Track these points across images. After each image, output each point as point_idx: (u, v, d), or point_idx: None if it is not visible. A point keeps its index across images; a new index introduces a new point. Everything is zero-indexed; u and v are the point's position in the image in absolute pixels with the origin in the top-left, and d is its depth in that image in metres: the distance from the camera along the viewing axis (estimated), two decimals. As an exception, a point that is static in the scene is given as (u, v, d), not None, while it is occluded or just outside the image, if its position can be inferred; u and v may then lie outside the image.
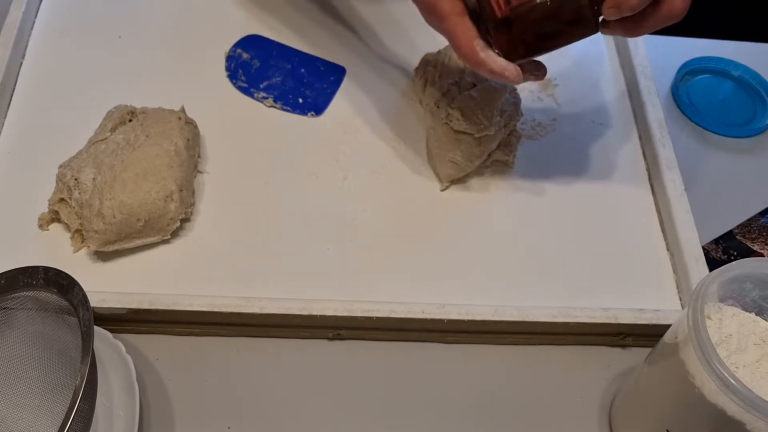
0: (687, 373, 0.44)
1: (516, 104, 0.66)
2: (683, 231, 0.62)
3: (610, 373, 0.58)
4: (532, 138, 0.69)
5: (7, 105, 0.67)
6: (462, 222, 0.63)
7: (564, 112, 0.72)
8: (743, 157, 0.73)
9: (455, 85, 0.65)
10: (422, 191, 0.65)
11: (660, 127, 0.68)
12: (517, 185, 0.66)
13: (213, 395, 0.54)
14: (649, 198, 0.66)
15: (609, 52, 0.77)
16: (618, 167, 0.68)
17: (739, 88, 0.78)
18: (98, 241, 0.57)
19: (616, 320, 0.56)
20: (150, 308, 0.54)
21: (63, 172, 0.60)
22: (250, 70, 0.72)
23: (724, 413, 0.42)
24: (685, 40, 0.82)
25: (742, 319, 0.46)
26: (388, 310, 0.55)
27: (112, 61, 0.71)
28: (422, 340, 0.58)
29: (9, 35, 0.69)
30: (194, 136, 0.64)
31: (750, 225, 0.67)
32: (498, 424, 0.55)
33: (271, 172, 0.65)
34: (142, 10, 0.76)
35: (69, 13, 0.75)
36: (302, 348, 0.57)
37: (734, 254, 0.65)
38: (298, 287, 0.58)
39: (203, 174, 0.64)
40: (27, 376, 0.51)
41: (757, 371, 0.44)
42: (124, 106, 0.64)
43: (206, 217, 0.62)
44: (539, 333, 0.57)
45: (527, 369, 0.57)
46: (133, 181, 0.57)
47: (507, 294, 0.59)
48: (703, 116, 0.75)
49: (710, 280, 0.45)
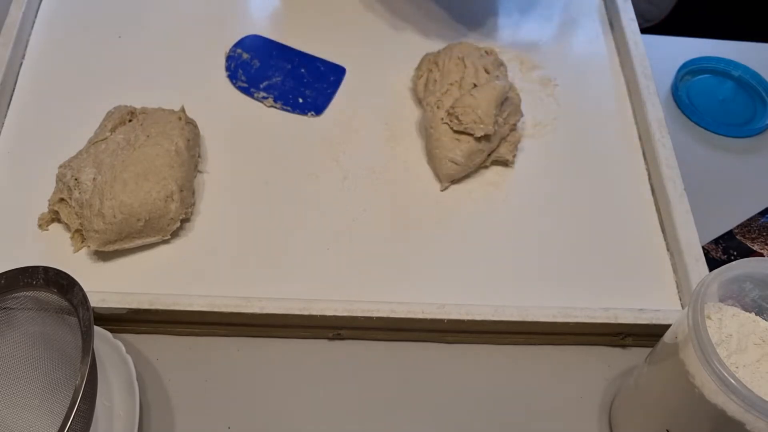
0: (687, 373, 0.44)
1: (516, 104, 0.67)
2: (683, 231, 0.62)
3: (610, 373, 0.58)
4: (532, 137, 0.69)
5: (7, 105, 0.67)
6: (462, 222, 0.63)
7: (564, 112, 0.72)
8: (743, 157, 0.73)
9: (455, 85, 0.65)
10: (422, 191, 0.65)
11: (660, 127, 0.68)
12: (517, 185, 0.66)
13: (213, 395, 0.55)
14: (649, 198, 0.66)
15: (609, 52, 0.77)
16: (618, 167, 0.68)
17: (739, 88, 0.78)
18: (98, 241, 0.57)
19: (616, 320, 0.56)
20: (150, 308, 0.54)
21: (63, 172, 0.60)
22: (250, 70, 0.72)
23: (724, 413, 0.42)
24: (685, 40, 0.82)
25: (742, 319, 0.46)
26: (388, 310, 0.55)
27: (112, 61, 0.71)
28: (422, 340, 0.58)
29: (9, 35, 0.69)
30: (194, 136, 0.64)
31: (750, 225, 0.67)
32: (498, 423, 0.55)
33: (271, 172, 0.65)
34: (142, 10, 0.76)
35: (69, 13, 0.75)
36: (302, 348, 0.57)
37: (734, 254, 0.65)
38: (298, 287, 0.58)
39: (203, 174, 0.64)
40: (27, 376, 0.51)
41: (757, 371, 0.44)
42: (124, 107, 0.64)
43: (206, 217, 0.62)
44: (539, 333, 0.57)
45: (527, 369, 0.57)
46: (134, 181, 0.57)
47: (507, 294, 0.59)
48: (703, 116, 0.75)
49: (710, 280, 0.45)
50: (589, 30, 0.79)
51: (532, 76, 0.74)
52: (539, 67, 0.75)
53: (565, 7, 0.82)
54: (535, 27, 0.79)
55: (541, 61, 0.75)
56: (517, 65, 0.75)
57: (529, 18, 0.80)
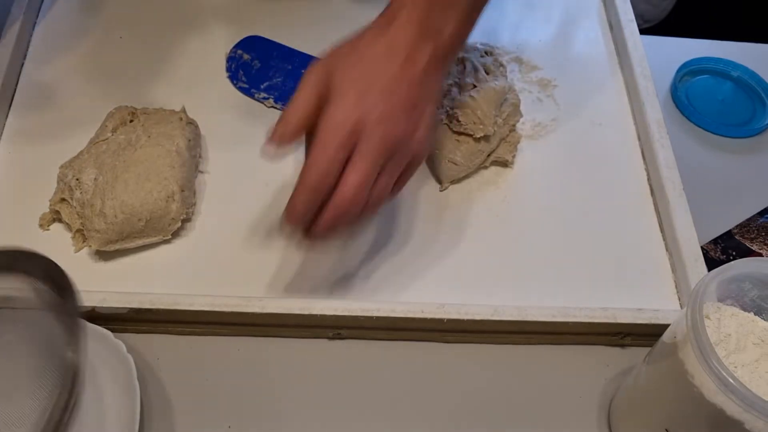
0: (686, 372, 0.44)
1: (516, 105, 0.67)
2: (682, 231, 0.62)
3: (609, 372, 0.58)
4: (531, 138, 0.70)
5: (9, 105, 0.67)
6: (462, 222, 0.63)
7: (563, 112, 0.72)
8: (742, 158, 0.73)
9: (455, 86, 0.66)
10: (422, 191, 0.65)
11: (659, 128, 0.68)
12: (516, 185, 0.66)
13: (213, 395, 0.55)
14: (648, 198, 0.66)
15: (608, 53, 0.77)
16: (617, 167, 0.68)
17: (738, 89, 0.78)
18: (99, 241, 0.57)
19: (615, 320, 0.56)
20: (150, 308, 0.54)
21: (64, 173, 0.60)
22: (250, 70, 0.72)
23: (723, 413, 0.42)
24: (684, 41, 0.82)
25: (741, 319, 0.46)
26: (388, 309, 0.55)
27: (114, 61, 0.72)
28: (422, 339, 0.58)
29: (11, 35, 0.69)
30: (195, 137, 0.64)
31: (749, 225, 0.67)
32: (497, 423, 0.55)
33: (272, 172, 0.65)
34: (143, 11, 0.76)
35: (70, 14, 0.75)
36: (302, 348, 0.57)
37: (733, 254, 0.65)
38: (298, 287, 0.58)
39: (204, 174, 0.64)
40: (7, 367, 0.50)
41: (756, 371, 0.44)
42: (125, 107, 0.64)
43: (207, 217, 0.62)
44: (538, 333, 0.57)
45: (527, 369, 0.58)
46: (135, 181, 0.58)
47: (507, 294, 0.59)
48: (702, 117, 0.75)
49: (709, 280, 0.45)
50: (588, 31, 0.79)
51: (531, 77, 0.74)
52: (538, 67, 0.75)
53: (564, 8, 0.82)
54: (535, 28, 0.79)
55: (540, 62, 0.75)
56: (517, 66, 0.75)
57: (528, 19, 0.80)
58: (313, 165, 0.47)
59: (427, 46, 0.50)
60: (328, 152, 0.47)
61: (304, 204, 0.48)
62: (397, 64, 0.49)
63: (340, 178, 0.47)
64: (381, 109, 0.48)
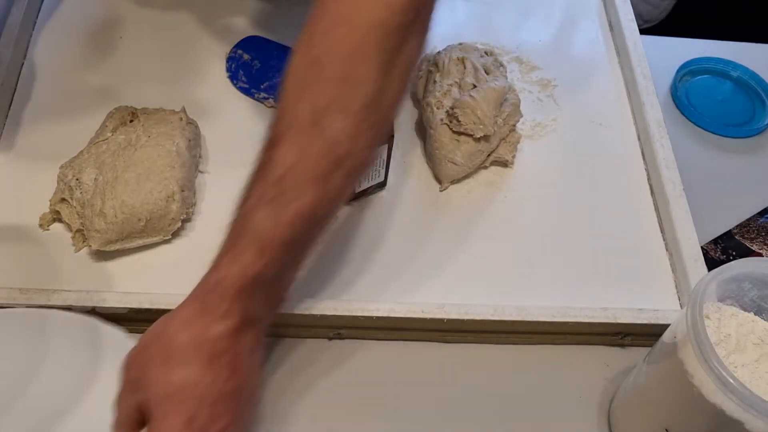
0: (686, 372, 0.44)
1: (516, 104, 0.67)
2: (682, 231, 0.62)
3: (609, 372, 0.58)
4: (531, 138, 0.70)
5: (9, 105, 0.67)
6: (462, 222, 0.63)
7: (563, 112, 0.72)
8: (742, 158, 0.73)
9: (455, 86, 0.66)
10: (422, 191, 0.65)
11: (659, 128, 0.68)
12: (516, 185, 0.66)
13: (214, 395, 0.55)
14: (648, 198, 0.66)
15: (608, 53, 0.77)
16: (617, 167, 0.68)
17: (737, 89, 0.78)
18: (100, 241, 0.57)
19: (615, 320, 0.56)
20: (151, 308, 0.54)
21: (64, 173, 0.60)
22: (250, 70, 0.72)
23: (723, 412, 0.42)
24: (684, 41, 0.82)
25: (741, 319, 0.46)
26: (388, 309, 0.55)
27: (113, 61, 0.72)
28: (422, 339, 0.58)
29: (10, 35, 0.69)
30: (195, 137, 0.64)
31: (749, 225, 0.67)
32: (498, 423, 0.55)
33: (272, 172, 0.65)
34: (143, 11, 0.76)
35: (70, 14, 0.75)
36: (302, 347, 0.57)
37: (733, 254, 0.65)
38: (298, 287, 0.58)
39: (204, 174, 0.64)
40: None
41: (756, 371, 0.44)
42: (125, 107, 0.64)
43: (207, 217, 0.62)
44: (538, 333, 0.57)
45: (527, 368, 0.58)
46: (135, 181, 0.58)
47: (507, 294, 0.59)
48: (702, 117, 0.75)
49: (709, 280, 0.45)
50: (588, 31, 0.79)
51: (531, 77, 0.74)
52: (538, 67, 0.75)
53: (564, 8, 0.82)
54: (535, 28, 0.79)
55: (540, 62, 0.75)
56: (517, 66, 0.75)
57: (528, 19, 0.80)
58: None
59: (245, 336, 0.46)
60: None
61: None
62: (203, 365, 0.44)
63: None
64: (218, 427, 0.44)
